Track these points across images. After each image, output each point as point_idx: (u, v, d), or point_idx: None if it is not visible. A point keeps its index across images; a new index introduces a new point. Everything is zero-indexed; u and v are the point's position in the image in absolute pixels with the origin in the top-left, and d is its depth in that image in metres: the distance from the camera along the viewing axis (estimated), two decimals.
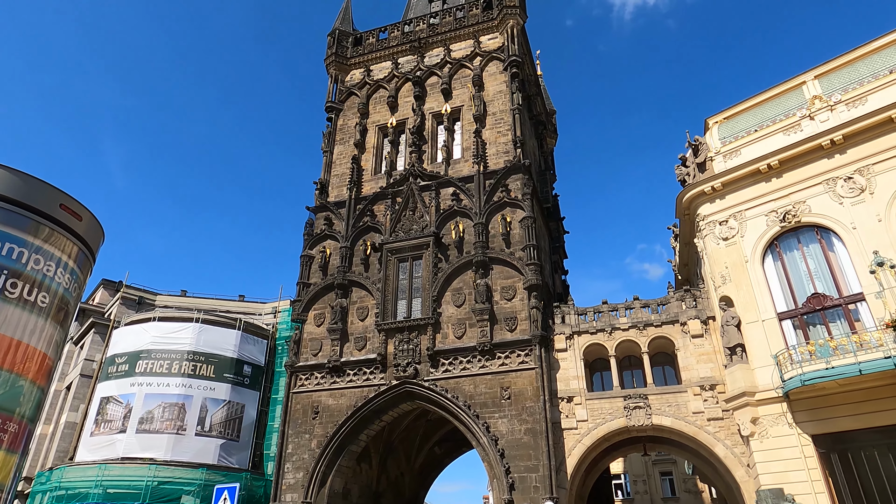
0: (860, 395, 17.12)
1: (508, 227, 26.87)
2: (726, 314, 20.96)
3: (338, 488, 25.38)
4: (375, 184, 31.08)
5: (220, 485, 8.93)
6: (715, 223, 22.51)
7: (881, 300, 17.32)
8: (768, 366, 19.20)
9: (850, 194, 19.44)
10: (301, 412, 26.39)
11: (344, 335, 27.24)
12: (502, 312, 25.29)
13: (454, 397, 24.10)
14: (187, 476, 30.24)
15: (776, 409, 18.76)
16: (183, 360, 33.75)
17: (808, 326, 19.26)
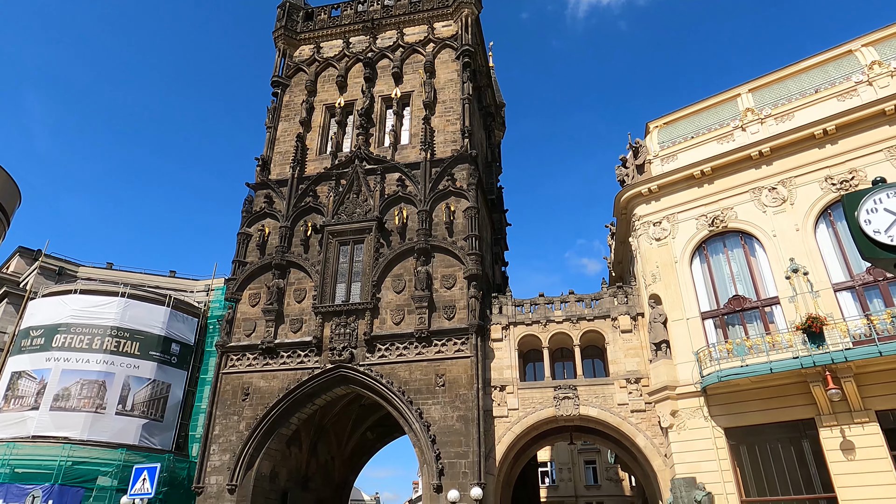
0: (769, 391, 18.31)
1: (452, 217, 27.00)
2: (654, 311, 21.90)
3: (265, 471, 24.96)
4: (320, 164, 30.48)
5: (140, 465, 8.60)
6: (649, 224, 23.40)
7: (794, 304, 18.55)
8: (689, 362, 20.23)
9: (773, 204, 20.64)
10: (231, 393, 25.73)
11: (279, 316, 26.69)
12: (441, 300, 25.45)
13: (389, 383, 24.13)
14: (105, 456, 28.95)
15: (694, 403, 19.82)
16: (105, 336, 32.15)
17: (728, 326, 20.40)
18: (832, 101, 20.80)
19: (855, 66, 21.16)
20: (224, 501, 23.63)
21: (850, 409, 16.92)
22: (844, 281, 18.62)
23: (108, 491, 27.84)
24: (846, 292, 18.52)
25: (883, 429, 16.59)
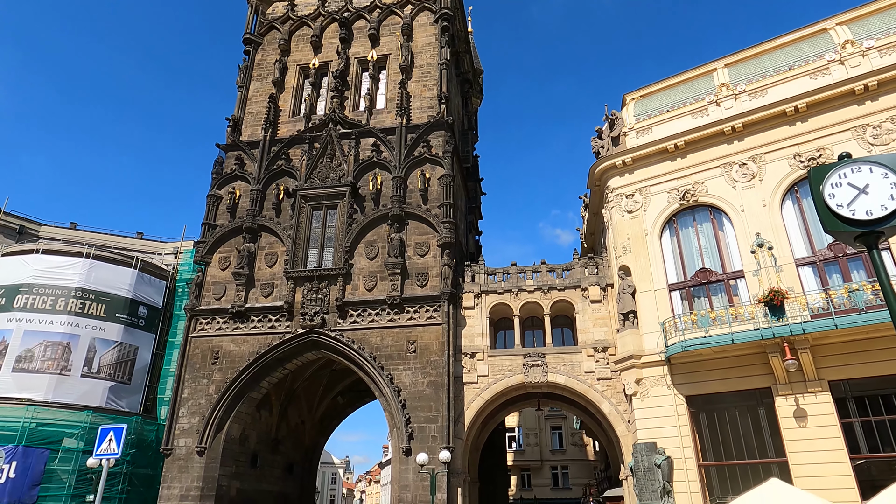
0: (730, 361, 18.94)
1: (427, 184, 26.83)
2: (624, 282, 22.29)
3: (235, 434, 25.04)
4: (293, 126, 29.83)
5: (107, 426, 8.52)
6: (622, 196, 23.63)
7: (757, 278, 19.07)
8: (655, 332, 20.74)
9: (743, 179, 21.00)
10: (200, 357, 25.55)
11: (250, 281, 26.42)
12: (414, 268, 25.47)
13: (360, 348, 24.23)
14: (70, 418, 28.63)
15: (658, 372, 20.41)
16: (70, 298, 31.46)
17: (694, 298, 20.91)
18: (805, 78, 21.05)
19: (828, 45, 21.39)
20: (193, 463, 23.68)
21: (805, 380, 17.62)
22: (806, 256, 19.18)
23: (75, 452, 27.64)
24: (807, 267, 19.09)
25: (834, 398, 17.35)
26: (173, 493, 23.39)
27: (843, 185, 4.23)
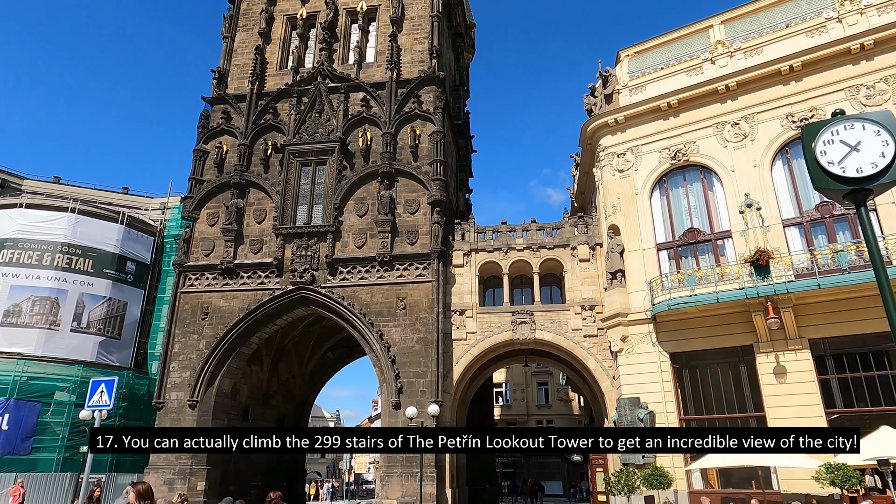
0: (714, 320, 19.31)
1: (417, 140, 26.50)
2: (612, 241, 22.43)
3: (226, 388, 25.34)
4: (280, 80, 29.12)
5: (97, 378, 8.58)
6: (613, 155, 23.52)
7: (745, 238, 19.26)
8: (642, 291, 21.01)
9: (735, 139, 20.93)
10: (190, 312, 25.59)
11: (239, 237, 26.26)
12: (404, 225, 25.41)
13: (350, 305, 24.37)
14: (61, 372, 28.82)
15: (643, 330, 20.78)
16: (56, 253, 31.21)
17: (681, 258, 21.12)
18: (801, 36, 20.77)
19: (827, 2, 21.03)
20: (185, 416, 24.03)
21: (786, 338, 18.03)
22: (794, 217, 19.34)
23: (67, 406, 27.93)
24: (794, 228, 19.28)
25: (813, 356, 17.82)
26: None
27: (834, 143, 4.21)
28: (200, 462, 23.50)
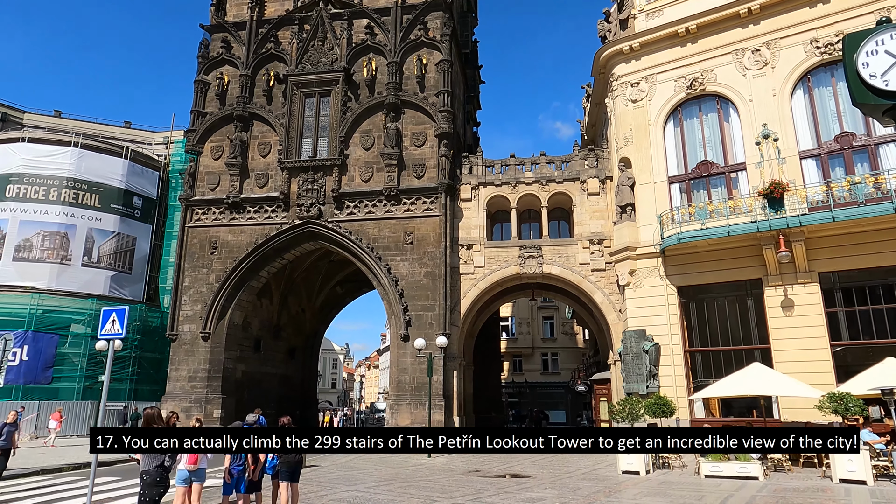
0: (723, 253, 19.15)
1: (424, 70, 25.64)
2: (623, 175, 22.01)
3: (238, 321, 25.79)
4: (281, 6, 27.95)
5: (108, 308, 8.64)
6: (627, 84, 22.70)
7: (759, 170, 18.80)
8: (652, 224, 20.78)
9: (754, 66, 20.07)
10: (198, 247, 25.71)
11: (244, 171, 25.98)
12: (411, 158, 24.99)
13: (358, 239, 24.36)
14: (76, 306, 29.36)
15: (652, 263, 20.70)
16: (62, 188, 31.12)
17: (693, 191, 20.74)
18: None
19: None
20: (198, 348, 24.60)
21: (796, 271, 17.92)
22: (811, 149, 18.79)
23: (83, 338, 28.61)
24: (811, 160, 18.77)
25: (822, 289, 17.75)
26: (181, 374, 24.48)
27: (879, 54, 3.90)
28: (215, 391, 24.25)
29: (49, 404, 26.18)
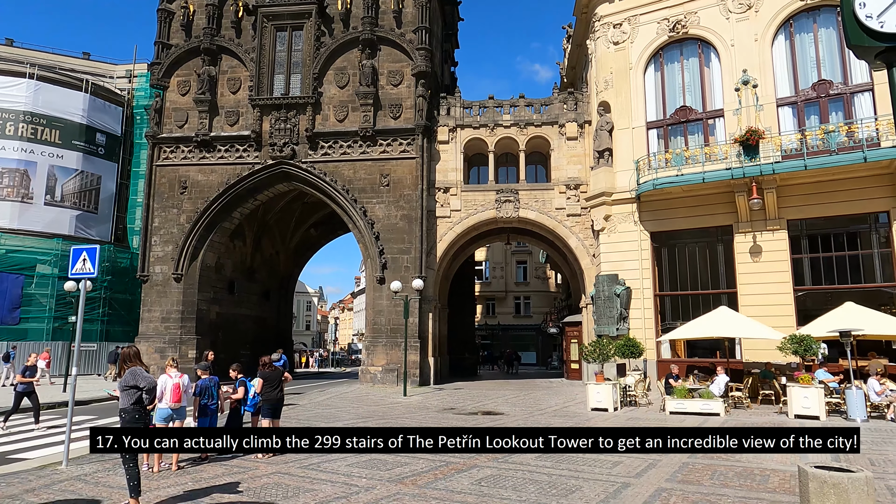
0: (697, 200, 19.40)
1: (401, 4, 24.65)
2: (602, 119, 21.87)
3: (210, 262, 25.46)
4: None
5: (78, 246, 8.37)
6: (609, 25, 22.21)
7: (737, 116, 18.86)
8: (628, 170, 20.85)
9: (738, 10, 19.76)
10: (167, 186, 24.99)
11: (213, 108, 25.03)
12: (387, 98, 24.35)
13: (333, 181, 23.95)
14: (40, 246, 28.55)
15: (627, 209, 20.91)
16: (19, 122, 29.65)
17: (671, 137, 20.77)
18: None
19: None
20: (171, 289, 24.32)
21: (766, 218, 18.31)
22: (789, 96, 18.85)
23: (50, 278, 27.99)
24: (788, 108, 18.87)
25: (790, 236, 18.23)
26: (154, 315, 24.28)
27: None
28: (189, 332, 24.18)
29: (23, 345, 25.84)
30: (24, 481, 7.17)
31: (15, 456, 9.23)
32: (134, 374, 6.25)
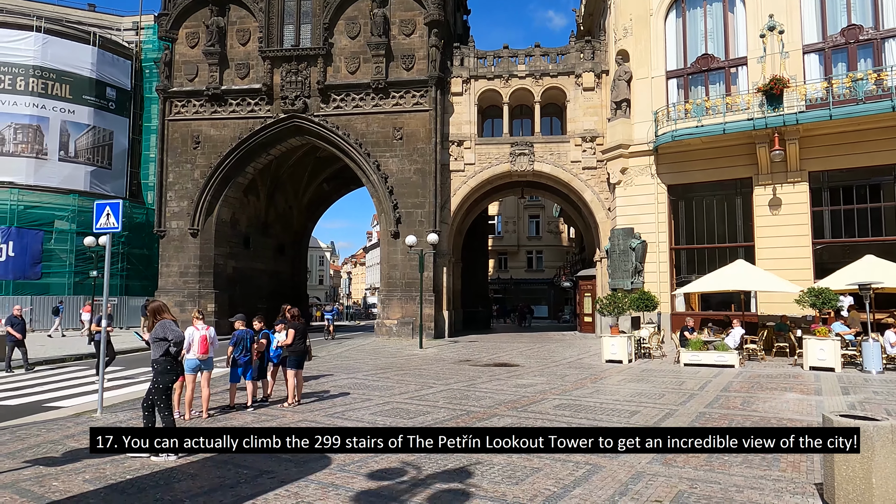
0: (716, 152, 19.05)
1: None
2: (620, 69, 21.29)
3: (226, 217, 25.61)
4: None
5: (102, 201, 8.43)
6: None
7: (761, 65, 18.27)
8: (646, 121, 20.44)
9: None
10: (180, 141, 24.92)
11: (223, 60, 24.65)
12: (400, 49, 23.81)
13: (346, 134, 23.72)
14: (57, 202, 28.80)
15: (644, 162, 20.60)
16: (29, 77, 29.43)
17: (691, 87, 20.23)
18: None
19: None
20: (188, 244, 24.57)
21: (787, 170, 17.97)
22: (816, 42, 18.19)
23: (69, 234, 28.34)
24: (814, 55, 18.23)
25: (811, 188, 17.93)
26: (172, 269, 24.64)
27: None
28: (207, 286, 24.56)
29: (41, 299, 26.45)
30: (63, 428, 7.47)
31: (51, 404, 9.58)
32: (164, 327, 6.42)
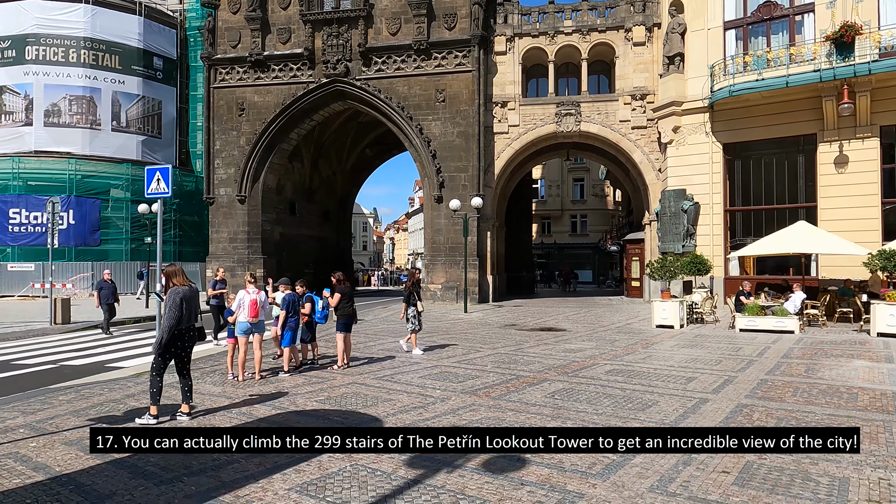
0: (778, 107, 17.93)
1: None
2: (674, 21, 20.17)
3: (272, 184, 25.93)
4: None
5: (152, 167, 8.54)
6: None
7: (830, 10, 16.95)
8: (702, 76, 19.38)
9: None
10: (226, 108, 25.18)
11: (265, 25, 24.58)
12: (441, 7, 23.18)
13: (388, 98, 23.45)
14: (112, 171, 29.75)
15: (698, 119, 19.63)
16: (80, 49, 30.12)
17: (751, 38, 19.00)
18: None
19: None
20: (236, 211, 25.06)
21: (856, 125, 16.80)
22: None
23: (124, 202, 29.33)
24: None
25: (881, 143, 16.74)
26: (222, 236, 25.23)
27: None
28: (256, 252, 25.09)
29: (100, 265, 27.60)
30: (123, 387, 7.74)
31: (112, 365, 9.97)
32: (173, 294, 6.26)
